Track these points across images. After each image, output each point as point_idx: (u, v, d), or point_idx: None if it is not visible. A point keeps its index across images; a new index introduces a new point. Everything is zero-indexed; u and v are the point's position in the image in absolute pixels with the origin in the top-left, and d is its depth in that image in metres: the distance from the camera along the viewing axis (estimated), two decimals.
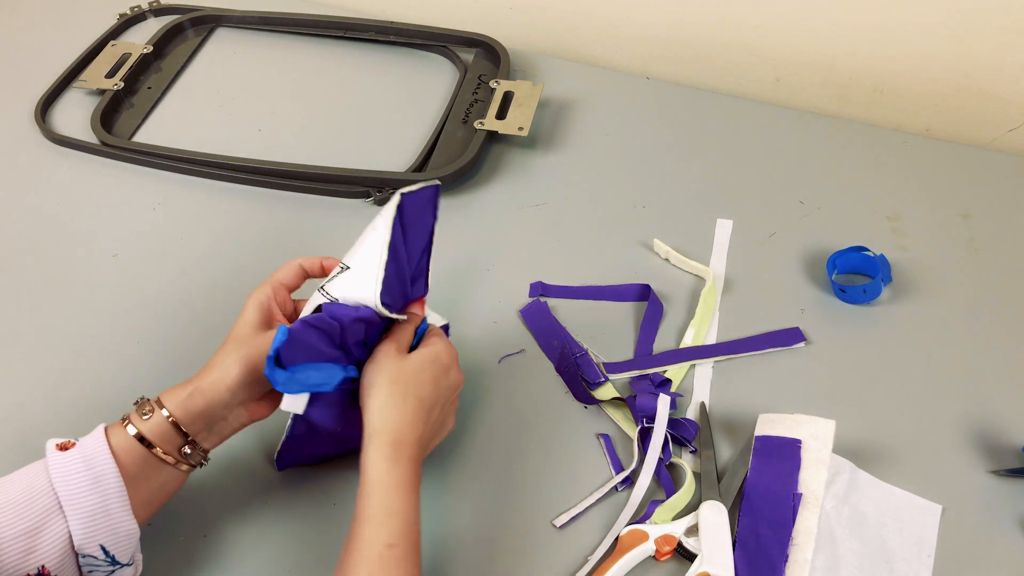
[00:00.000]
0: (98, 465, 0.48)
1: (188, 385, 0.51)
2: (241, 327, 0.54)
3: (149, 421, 0.50)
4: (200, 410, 0.51)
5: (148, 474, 0.50)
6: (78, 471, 0.47)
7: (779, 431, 0.59)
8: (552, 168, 0.82)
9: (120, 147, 0.84)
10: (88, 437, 0.50)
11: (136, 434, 0.50)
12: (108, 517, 0.48)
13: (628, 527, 0.56)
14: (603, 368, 0.66)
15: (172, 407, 0.51)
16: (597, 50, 0.99)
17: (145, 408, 0.51)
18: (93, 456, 0.48)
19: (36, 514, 0.46)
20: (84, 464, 0.48)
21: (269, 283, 0.57)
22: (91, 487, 0.47)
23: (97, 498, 0.47)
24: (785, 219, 0.77)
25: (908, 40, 0.84)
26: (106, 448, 0.48)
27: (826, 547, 0.55)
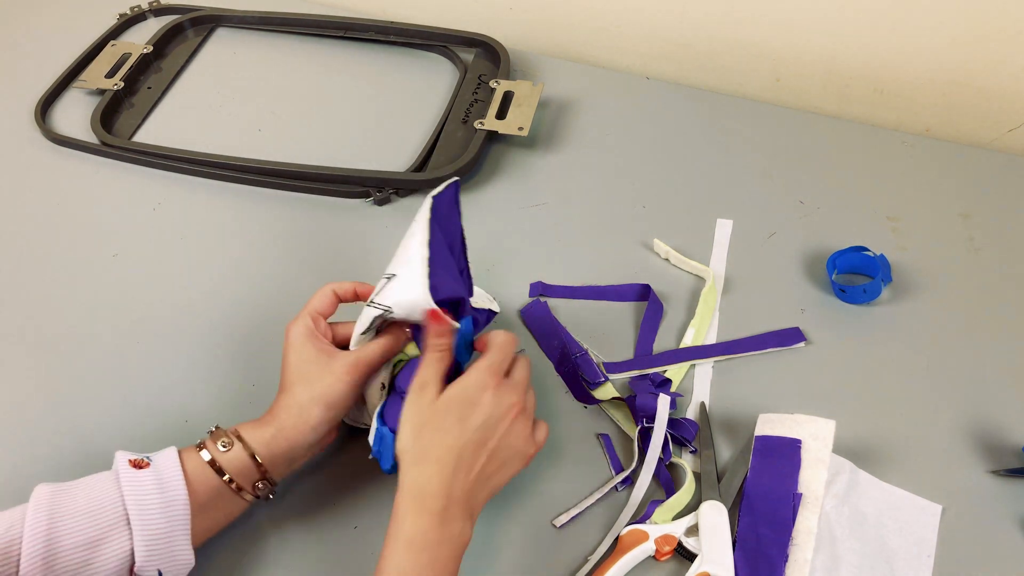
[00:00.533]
0: (171, 490, 0.48)
1: (269, 426, 0.52)
2: (303, 365, 0.53)
3: (228, 454, 0.51)
4: (283, 452, 0.52)
5: (217, 504, 0.51)
6: (151, 492, 0.47)
7: (779, 431, 0.59)
8: (552, 168, 0.82)
9: (120, 147, 0.84)
10: (162, 457, 0.50)
11: (211, 460, 0.50)
12: (170, 543, 0.48)
13: (628, 527, 0.56)
14: (603, 368, 0.66)
15: (256, 446, 0.51)
16: (597, 50, 0.99)
17: (222, 439, 0.51)
18: (168, 480, 0.48)
19: (101, 527, 0.46)
20: (158, 487, 0.48)
21: (306, 314, 0.56)
22: (161, 510, 0.47)
23: (165, 523, 0.47)
24: (785, 219, 0.77)
25: (908, 40, 0.84)
26: (180, 472, 0.49)
27: (826, 547, 0.55)
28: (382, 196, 0.78)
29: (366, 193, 0.79)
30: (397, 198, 0.80)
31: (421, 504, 0.47)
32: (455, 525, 0.47)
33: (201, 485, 0.49)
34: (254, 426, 0.52)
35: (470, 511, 0.49)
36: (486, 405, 0.49)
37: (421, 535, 0.46)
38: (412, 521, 0.46)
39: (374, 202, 0.79)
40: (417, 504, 0.47)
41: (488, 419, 0.49)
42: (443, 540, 0.46)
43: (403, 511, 0.47)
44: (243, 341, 0.69)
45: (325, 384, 0.52)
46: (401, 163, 0.82)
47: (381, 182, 0.79)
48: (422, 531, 0.46)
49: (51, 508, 0.46)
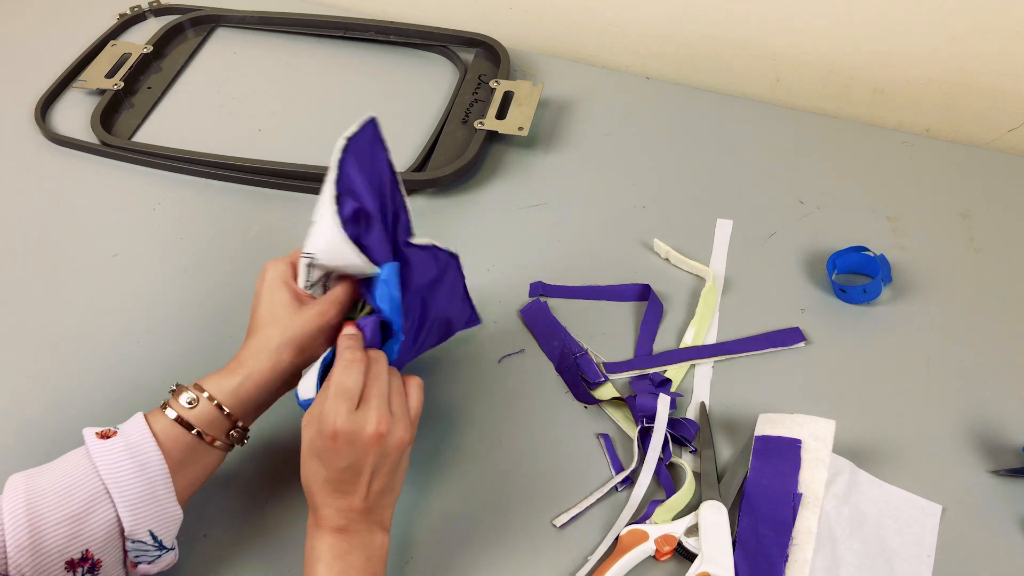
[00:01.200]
0: (143, 452, 0.48)
1: (235, 374, 0.51)
2: (276, 308, 0.52)
3: (195, 410, 0.50)
4: (252, 398, 0.52)
5: (193, 458, 0.51)
6: (123, 458, 0.47)
7: (779, 431, 0.59)
8: (552, 168, 0.82)
9: (120, 147, 0.84)
10: (128, 424, 0.50)
11: (177, 417, 0.50)
12: (155, 503, 0.48)
13: (628, 527, 0.56)
14: (603, 368, 0.66)
15: (222, 396, 0.51)
16: (597, 50, 0.99)
17: (186, 395, 0.50)
18: (138, 443, 0.48)
19: (81, 500, 0.46)
20: (128, 452, 0.48)
21: (288, 259, 0.55)
22: (137, 474, 0.47)
23: (144, 484, 0.47)
24: (785, 219, 0.77)
25: (908, 40, 0.84)
26: (149, 435, 0.49)
27: (826, 547, 0.55)
28: None
29: None
30: None
31: (322, 526, 0.49)
32: (362, 536, 0.49)
33: (173, 443, 0.49)
34: (220, 376, 0.51)
35: (376, 521, 0.50)
36: (342, 450, 0.47)
37: (329, 549, 0.48)
38: (319, 539, 0.49)
39: None
40: (319, 527, 0.49)
41: (351, 461, 0.47)
42: (352, 549, 0.48)
43: (310, 534, 0.50)
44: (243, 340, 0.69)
45: (296, 325, 0.52)
46: (401, 163, 0.82)
47: None
48: (329, 545, 0.48)
49: (28, 490, 0.46)
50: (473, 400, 0.64)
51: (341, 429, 0.47)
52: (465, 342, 0.68)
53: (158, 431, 0.49)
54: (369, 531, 0.50)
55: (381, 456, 0.48)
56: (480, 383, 0.65)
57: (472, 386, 0.65)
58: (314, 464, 0.48)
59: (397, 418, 0.49)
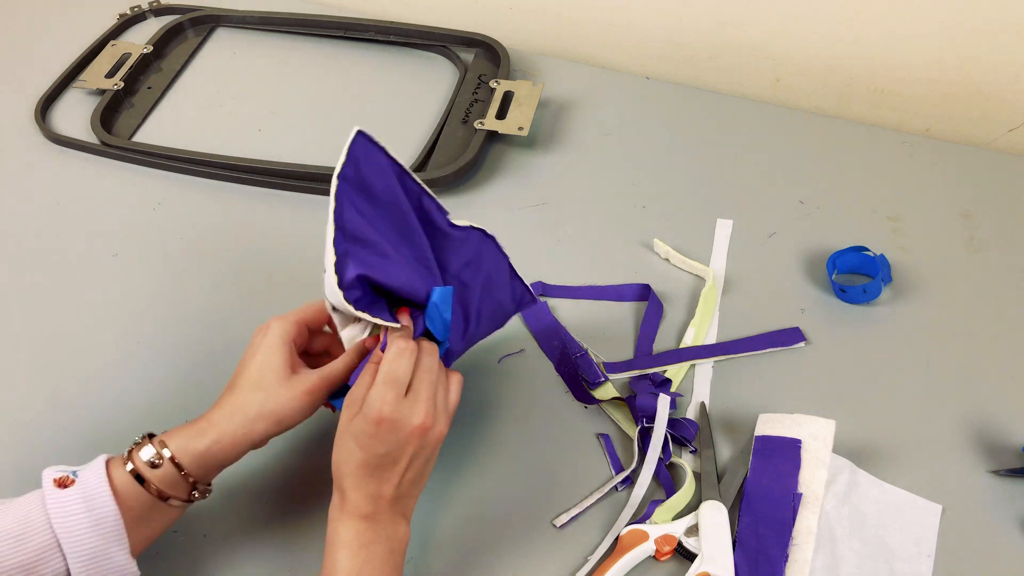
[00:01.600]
0: (99, 507, 0.46)
1: (204, 436, 0.49)
2: (266, 372, 0.50)
3: (158, 471, 0.48)
4: (218, 461, 0.50)
5: (151, 516, 0.49)
6: (78, 512, 0.46)
7: (779, 431, 0.59)
8: (552, 168, 0.82)
9: (120, 147, 0.84)
10: (88, 472, 0.47)
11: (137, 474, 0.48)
12: (108, 559, 0.46)
13: (628, 527, 0.56)
14: (603, 368, 0.66)
15: (186, 459, 0.48)
16: (597, 50, 0.99)
17: (148, 451, 0.48)
18: (94, 497, 0.46)
19: (33, 550, 0.45)
20: (85, 505, 0.46)
21: (293, 318, 0.53)
22: (91, 529, 0.46)
23: (98, 540, 0.46)
24: (785, 219, 0.77)
25: (908, 40, 0.84)
26: (107, 488, 0.46)
27: (826, 547, 0.55)
28: None
29: None
30: None
31: (348, 512, 0.48)
32: (386, 526, 0.48)
33: (132, 499, 0.47)
34: (187, 435, 0.49)
35: (401, 512, 0.50)
36: (386, 436, 0.47)
37: (354, 537, 0.47)
38: (343, 526, 0.48)
39: None
40: (344, 513, 0.48)
41: (391, 448, 0.47)
42: (376, 539, 0.48)
43: (333, 519, 0.48)
44: (243, 341, 0.68)
45: (279, 400, 0.50)
46: (401, 163, 0.82)
47: None
48: (354, 533, 0.47)
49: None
50: (473, 400, 0.64)
51: (387, 416, 0.46)
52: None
53: (117, 484, 0.47)
54: (394, 521, 0.49)
55: (420, 447, 0.48)
56: (480, 383, 0.65)
57: (472, 386, 0.65)
58: (350, 446, 0.47)
59: (440, 412, 0.49)
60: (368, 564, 0.47)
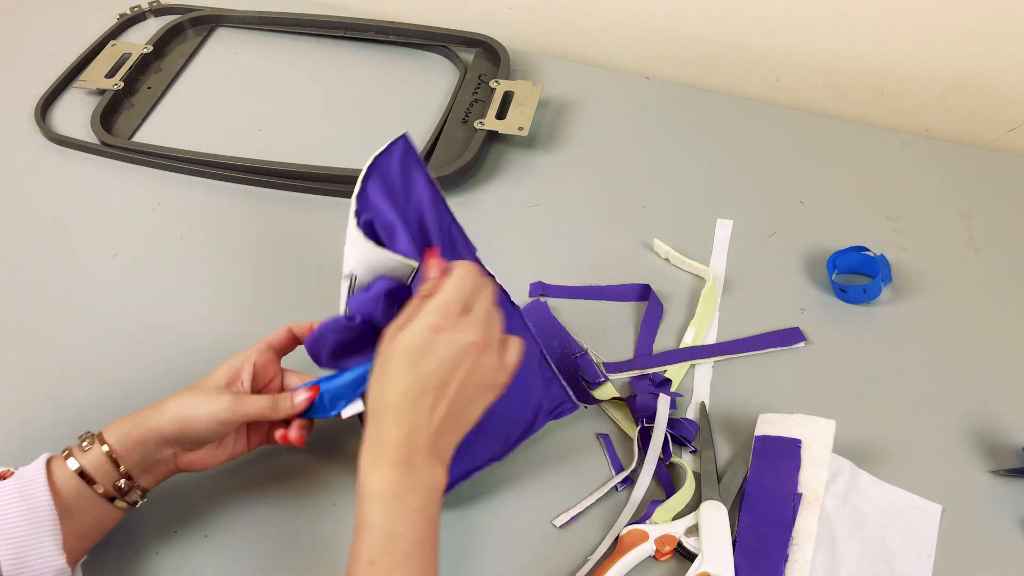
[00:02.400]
0: (33, 496, 0.47)
1: (130, 418, 0.51)
2: (205, 380, 0.53)
3: (89, 453, 0.50)
4: (135, 443, 0.51)
5: (83, 507, 0.50)
6: (13, 500, 0.47)
7: (779, 431, 0.59)
8: (552, 168, 0.82)
9: (120, 147, 0.84)
10: (29, 467, 0.49)
11: (77, 469, 0.49)
12: (38, 551, 0.47)
13: (628, 527, 0.56)
14: (603, 368, 0.66)
15: (112, 440, 0.50)
16: (597, 50, 0.99)
17: (86, 440, 0.51)
18: (29, 486, 0.48)
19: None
20: (19, 494, 0.47)
21: (255, 346, 0.55)
22: (24, 518, 0.47)
23: (29, 529, 0.47)
24: (785, 219, 0.77)
25: (908, 40, 0.84)
26: (44, 479, 0.48)
27: (826, 547, 0.55)
28: None
29: None
30: None
31: (382, 457, 0.45)
32: (422, 472, 0.45)
33: (65, 489, 0.49)
34: (121, 420, 0.51)
35: (439, 455, 0.46)
36: (440, 348, 0.45)
37: (387, 488, 0.44)
38: (376, 476, 0.45)
39: None
40: (378, 458, 0.45)
41: (443, 363, 0.45)
42: (412, 488, 0.44)
43: (366, 467, 0.45)
44: (243, 340, 0.68)
45: (194, 403, 0.51)
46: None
47: None
48: (387, 483, 0.44)
49: None
50: None
51: (445, 325, 0.45)
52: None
53: (56, 475, 0.49)
54: (431, 465, 0.45)
55: (473, 370, 0.46)
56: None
57: None
58: (396, 367, 0.45)
59: (495, 346, 0.47)
60: (402, 519, 0.44)
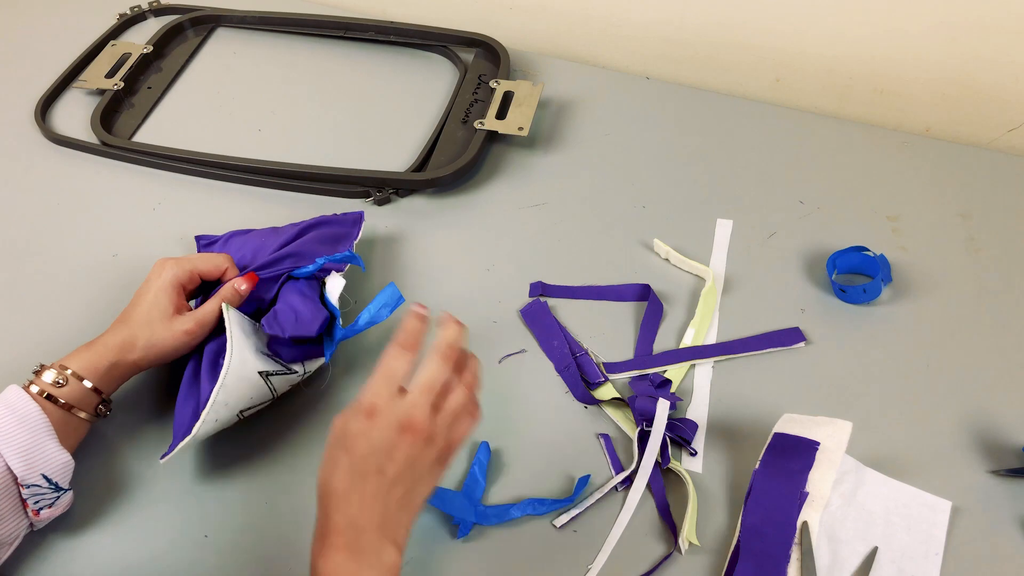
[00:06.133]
0: (21, 408, 0.52)
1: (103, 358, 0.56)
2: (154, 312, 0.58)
3: (65, 388, 0.55)
4: (114, 382, 0.58)
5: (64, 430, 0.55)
6: (4, 415, 0.52)
7: (799, 431, 0.58)
8: (552, 168, 0.82)
9: (120, 147, 0.84)
10: (5, 392, 0.54)
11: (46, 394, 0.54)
12: (42, 451, 0.52)
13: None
14: (603, 368, 0.66)
15: (91, 377, 0.56)
16: (597, 50, 0.99)
17: (51, 375, 0.55)
18: (15, 403, 0.53)
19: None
20: (7, 409, 0.52)
21: (188, 268, 0.60)
22: (18, 426, 0.52)
23: (27, 435, 0.52)
24: (785, 219, 0.77)
25: (908, 40, 0.84)
26: (26, 397, 0.53)
27: (829, 547, 0.55)
28: (382, 196, 0.78)
29: (366, 193, 0.79)
30: (397, 198, 0.80)
31: (328, 543, 0.44)
32: (370, 554, 0.44)
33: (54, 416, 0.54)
34: (88, 357, 0.56)
35: (389, 535, 0.45)
36: (371, 433, 0.45)
37: (335, 572, 0.43)
38: (324, 561, 0.44)
39: (374, 202, 0.79)
40: (325, 544, 0.44)
41: (374, 448, 0.45)
42: (359, 571, 0.44)
43: (315, 553, 0.45)
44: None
45: (162, 336, 0.58)
46: (401, 163, 0.82)
47: (381, 182, 0.79)
48: (335, 567, 0.44)
49: None
50: None
51: (378, 407, 0.46)
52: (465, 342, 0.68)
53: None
54: (380, 549, 0.45)
55: (412, 454, 0.46)
56: (480, 383, 0.65)
57: None
58: (336, 454, 0.46)
59: (443, 420, 0.48)
60: None
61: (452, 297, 0.71)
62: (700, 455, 0.61)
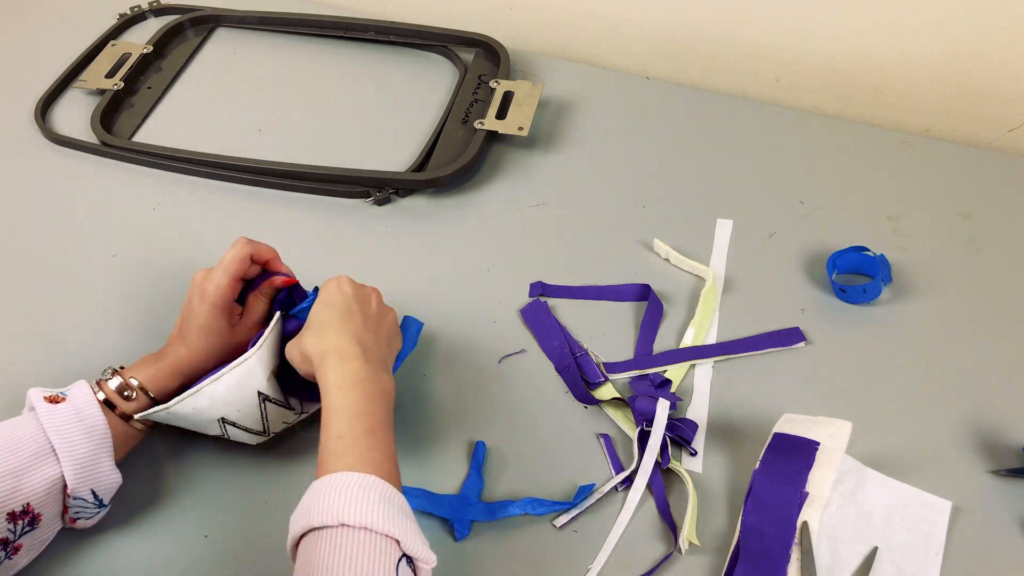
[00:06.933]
0: (89, 417, 0.53)
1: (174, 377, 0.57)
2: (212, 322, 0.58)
3: (134, 403, 0.55)
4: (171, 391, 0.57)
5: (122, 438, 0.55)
6: (71, 422, 0.52)
7: (799, 431, 0.58)
8: (552, 168, 0.82)
9: (120, 147, 0.84)
10: (75, 390, 0.54)
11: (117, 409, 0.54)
12: (97, 466, 0.52)
13: None
14: (603, 368, 0.66)
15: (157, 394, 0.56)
16: (597, 50, 0.99)
17: (124, 389, 0.55)
18: (85, 409, 0.53)
19: (24, 457, 0.50)
20: (77, 416, 0.52)
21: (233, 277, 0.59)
22: (84, 436, 0.52)
23: (90, 447, 0.52)
24: (785, 219, 0.77)
25: (908, 40, 0.84)
26: (96, 403, 0.53)
27: (828, 547, 0.55)
28: (382, 196, 0.78)
29: (366, 193, 0.79)
30: (397, 198, 0.80)
31: (338, 357, 0.51)
32: (375, 369, 0.52)
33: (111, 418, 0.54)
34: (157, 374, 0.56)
35: (382, 363, 0.54)
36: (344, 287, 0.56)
37: (348, 376, 0.50)
38: (334, 370, 0.50)
39: (374, 202, 0.79)
40: (333, 358, 0.51)
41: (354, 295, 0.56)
42: (369, 378, 0.51)
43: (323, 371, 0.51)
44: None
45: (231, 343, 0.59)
46: (401, 163, 0.82)
47: (381, 182, 0.79)
48: (349, 372, 0.50)
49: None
50: (473, 400, 0.64)
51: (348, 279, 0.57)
52: (465, 342, 0.68)
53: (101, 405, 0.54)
54: (377, 369, 0.52)
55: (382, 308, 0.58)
56: (480, 383, 0.65)
57: (472, 386, 0.65)
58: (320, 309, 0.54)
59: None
60: (363, 399, 0.49)
61: (452, 297, 0.71)
62: (700, 455, 0.61)
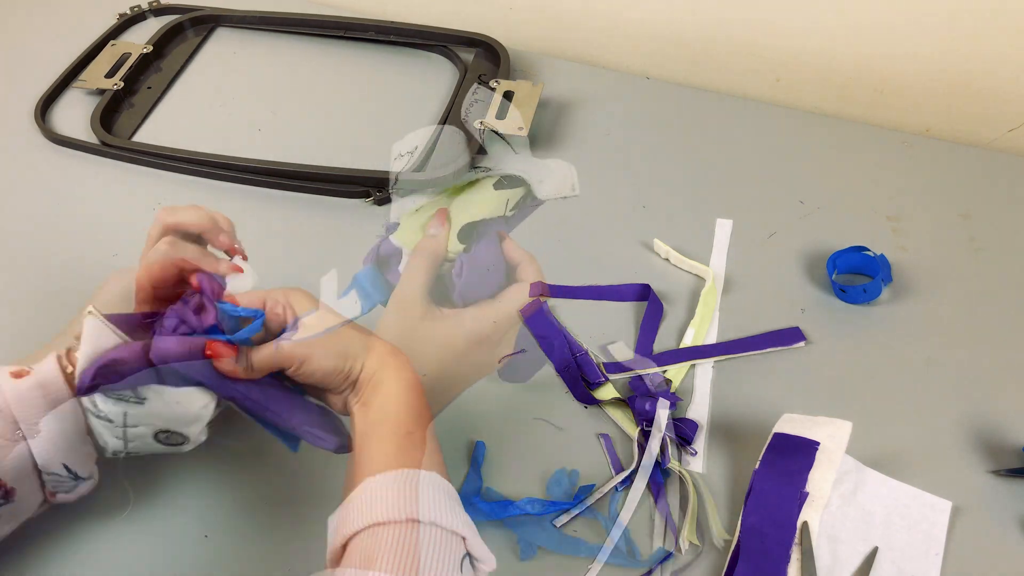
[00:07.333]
0: (54, 392, 0.50)
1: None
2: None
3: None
4: None
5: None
6: (36, 397, 0.49)
7: (799, 431, 0.58)
8: None
9: (120, 147, 0.84)
10: (42, 364, 0.51)
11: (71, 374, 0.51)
12: (66, 439, 0.50)
13: None
14: (603, 368, 0.66)
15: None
16: (597, 50, 0.99)
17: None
18: (51, 383, 0.50)
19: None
20: (41, 391, 0.49)
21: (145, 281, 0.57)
22: (48, 410, 0.49)
23: (55, 423, 0.49)
24: (785, 219, 0.77)
25: (908, 40, 0.84)
26: (61, 376, 0.50)
27: (828, 547, 0.55)
28: (382, 196, 0.78)
29: (366, 193, 0.79)
30: (397, 198, 0.80)
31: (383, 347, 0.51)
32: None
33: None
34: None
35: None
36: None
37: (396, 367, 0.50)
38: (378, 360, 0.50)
39: (374, 202, 0.79)
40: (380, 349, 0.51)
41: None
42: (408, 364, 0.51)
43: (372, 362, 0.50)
44: None
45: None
46: (401, 163, 0.82)
47: (381, 182, 0.79)
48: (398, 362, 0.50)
49: None
50: (473, 400, 0.64)
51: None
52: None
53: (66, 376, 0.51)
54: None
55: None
56: (480, 383, 0.65)
57: (472, 386, 0.65)
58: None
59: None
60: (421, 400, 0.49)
61: None
62: (700, 455, 0.61)
